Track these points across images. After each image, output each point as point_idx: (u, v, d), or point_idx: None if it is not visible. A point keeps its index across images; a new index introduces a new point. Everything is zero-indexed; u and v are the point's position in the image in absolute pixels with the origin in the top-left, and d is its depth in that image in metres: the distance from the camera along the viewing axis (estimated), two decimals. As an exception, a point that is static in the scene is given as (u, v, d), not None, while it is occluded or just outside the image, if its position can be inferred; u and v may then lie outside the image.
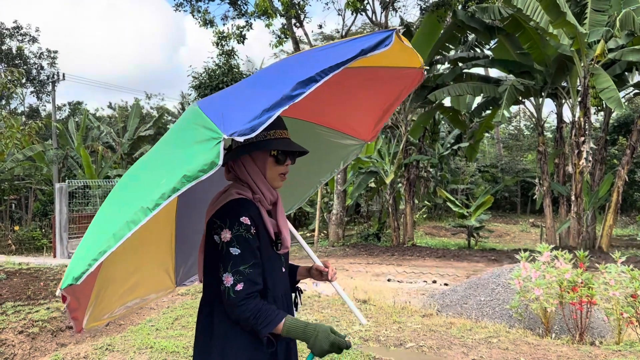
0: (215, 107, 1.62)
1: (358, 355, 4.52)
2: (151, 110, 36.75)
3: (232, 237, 1.73)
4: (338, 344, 1.72)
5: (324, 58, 1.64)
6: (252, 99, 1.57)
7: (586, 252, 5.47)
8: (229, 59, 16.83)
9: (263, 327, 1.71)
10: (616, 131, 22.67)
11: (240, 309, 1.70)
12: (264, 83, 1.71)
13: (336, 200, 17.07)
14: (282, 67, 1.83)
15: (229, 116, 1.48)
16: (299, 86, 1.49)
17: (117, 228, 1.37)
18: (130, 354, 4.58)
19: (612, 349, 4.80)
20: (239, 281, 1.70)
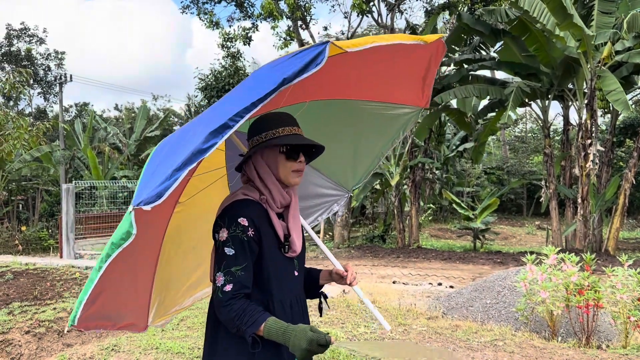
0: (154, 160, 1.63)
1: (363, 358, 4.51)
2: (158, 112, 36.89)
3: (227, 237, 1.74)
4: (317, 341, 1.64)
5: (245, 93, 1.55)
6: (174, 153, 1.52)
7: (593, 255, 5.44)
8: (235, 61, 16.88)
9: (247, 327, 1.68)
10: (622, 133, 22.54)
11: (225, 309, 1.70)
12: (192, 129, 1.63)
13: (341, 202, 17.05)
14: (215, 107, 1.71)
15: (147, 183, 1.47)
16: (211, 136, 1.39)
17: (92, 276, 1.60)
18: (135, 354, 4.60)
19: (619, 352, 4.78)
20: (228, 282, 1.70)
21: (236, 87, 1.72)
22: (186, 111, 36.85)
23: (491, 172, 29.42)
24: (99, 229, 16.75)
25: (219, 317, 1.75)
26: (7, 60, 25.34)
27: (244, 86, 1.66)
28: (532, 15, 11.96)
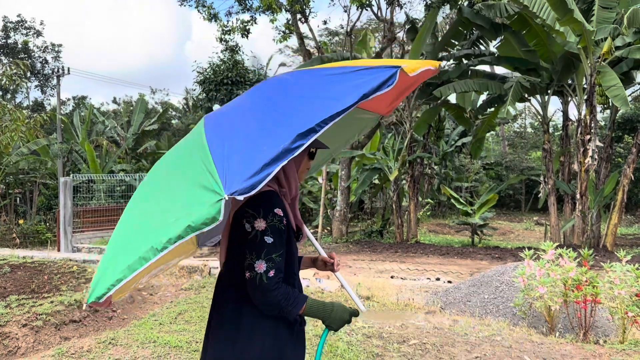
0: (222, 145, 1.70)
1: (361, 352, 4.51)
2: (156, 106, 36.79)
3: (266, 227, 1.84)
4: (353, 313, 2.00)
5: (325, 97, 1.72)
6: (254, 146, 1.63)
7: (590, 251, 5.44)
8: (234, 54, 16.81)
9: (293, 308, 1.87)
10: (621, 129, 22.53)
11: (272, 294, 1.82)
12: (267, 118, 1.78)
13: (340, 197, 17.06)
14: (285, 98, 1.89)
15: (231, 169, 1.56)
16: (299, 138, 1.55)
17: (132, 260, 1.55)
18: (133, 348, 4.59)
19: (617, 347, 4.78)
20: (271, 268, 1.82)
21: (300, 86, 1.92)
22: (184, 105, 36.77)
23: (490, 167, 29.41)
24: (97, 223, 16.73)
25: (259, 301, 1.85)
26: (3, 52, 25.22)
27: (314, 89, 1.85)
28: (532, 10, 11.91)
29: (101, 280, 1.61)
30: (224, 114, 1.99)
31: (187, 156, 1.86)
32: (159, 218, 1.66)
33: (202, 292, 6.99)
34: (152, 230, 1.61)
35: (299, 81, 1.97)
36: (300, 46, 17.23)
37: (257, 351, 1.90)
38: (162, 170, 2.00)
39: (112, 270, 1.60)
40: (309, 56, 17.01)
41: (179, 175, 1.80)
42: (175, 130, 32.08)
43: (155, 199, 1.81)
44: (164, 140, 28.85)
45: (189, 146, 1.92)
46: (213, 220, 1.45)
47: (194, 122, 29.80)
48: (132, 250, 1.60)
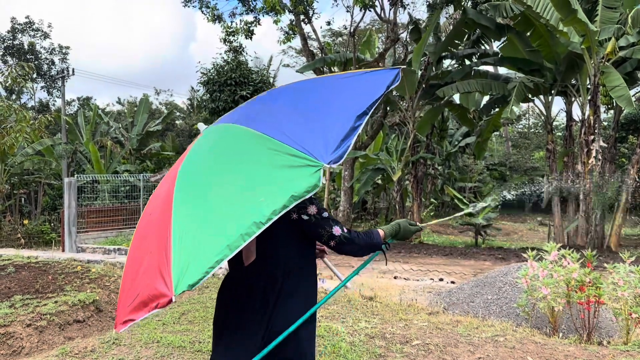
0: (284, 134, 1.97)
1: (364, 352, 4.52)
2: (160, 106, 36.86)
3: (318, 208, 2.22)
4: (416, 229, 2.51)
5: (360, 90, 2.13)
6: (316, 127, 1.98)
7: (594, 252, 5.43)
8: (238, 55, 16.84)
9: (377, 238, 2.34)
10: (625, 129, 22.46)
11: (359, 239, 2.26)
12: (312, 111, 2.13)
13: (343, 197, 17.06)
14: (320, 91, 2.28)
15: (309, 146, 1.87)
16: (358, 119, 1.94)
17: (232, 240, 1.63)
18: (137, 348, 4.61)
19: (620, 349, 4.76)
20: (342, 227, 2.23)
21: (330, 86, 2.31)
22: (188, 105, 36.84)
23: (493, 167, 29.36)
24: (101, 223, 16.78)
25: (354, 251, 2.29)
26: (10, 54, 25.33)
27: (347, 85, 2.23)
28: (536, 10, 11.90)
29: (191, 267, 1.62)
30: (255, 116, 2.27)
31: (246, 148, 2.06)
32: (244, 200, 1.78)
33: (205, 292, 7.01)
34: (243, 210, 1.73)
35: (326, 83, 2.39)
36: (303, 47, 17.25)
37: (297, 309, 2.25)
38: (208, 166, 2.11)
39: (203, 254, 1.63)
40: (312, 57, 17.02)
41: (248, 162, 1.97)
42: (179, 130, 32.13)
43: (224, 188, 1.91)
44: (168, 140, 28.91)
45: (238, 141, 2.13)
46: (315, 187, 1.72)
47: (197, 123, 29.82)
48: (223, 231, 1.68)
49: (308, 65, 16.52)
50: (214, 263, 1.59)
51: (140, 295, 1.74)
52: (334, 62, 16.54)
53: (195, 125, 29.34)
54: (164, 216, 1.91)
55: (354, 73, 2.33)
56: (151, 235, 1.96)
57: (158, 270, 1.70)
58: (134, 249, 2.11)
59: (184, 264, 1.63)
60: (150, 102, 30.18)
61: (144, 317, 1.71)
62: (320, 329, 5.17)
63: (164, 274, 1.66)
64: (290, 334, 2.18)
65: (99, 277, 7.14)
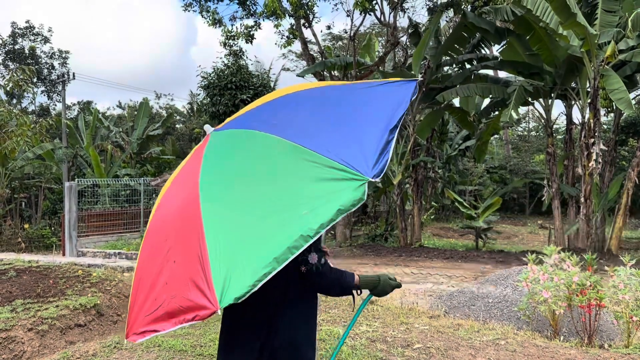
0: (321, 146, 1.94)
1: (365, 356, 4.52)
2: (160, 110, 36.90)
3: None
4: (397, 285, 2.39)
5: (388, 103, 2.12)
6: (352, 141, 1.96)
7: (595, 255, 5.43)
8: (238, 59, 16.87)
9: (350, 280, 2.25)
10: (625, 132, 22.48)
11: (329, 275, 2.19)
12: (341, 121, 2.11)
13: (344, 201, 17.03)
14: (343, 105, 2.23)
15: (350, 159, 1.86)
16: (391, 133, 1.95)
17: (279, 252, 1.62)
18: (138, 352, 4.61)
19: (622, 352, 4.77)
20: (322, 256, 2.17)
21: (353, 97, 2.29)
22: (188, 109, 36.87)
23: (494, 171, 29.37)
24: (102, 227, 16.80)
25: (321, 285, 2.20)
26: (11, 58, 25.39)
27: (374, 97, 2.23)
28: (536, 13, 11.92)
29: (235, 279, 1.60)
30: (280, 124, 2.17)
31: (281, 159, 2.01)
32: (287, 213, 1.77)
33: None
34: (287, 224, 1.72)
35: (347, 93, 2.33)
36: (303, 51, 17.28)
37: (312, 331, 2.27)
38: (234, 175, 2.06)
39: (248, 266, 1.62)
40: (312, 61, 17.05)
41: (285, 174, 1.95)
42: (180, 134, 32.15)
43: (260, 199, 1.88)
44: (168, 144, 28.93)
45: (271, 151, 2.06)
46: (360, 200, 1.72)
47: (198, 127, 29.84)
48: (268, 244, 1.67)
49: (308, 69, 16.55)
50: (261, 276, 1.58)
51: (165, 306, 1.70)
52: (334, 66, 16.56)
53: (197, 129, 29.39)
54: (191, 226, 1.86)
55: (372, 83, 2.32)
56: (172, 244, 1.90)
57: (190, 281, 1.67)
58: (145, 258, 2.06)
59: (226, 276, 1.62)
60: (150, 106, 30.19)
61: (172, 329, 1.68)
62: (322, 332, 5.17)
63: (200, 285, 1.63)
64: (288, 343, 2.17)
65: (99, 281, 7.14)
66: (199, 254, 1.72)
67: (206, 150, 2.27)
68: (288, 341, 2.17)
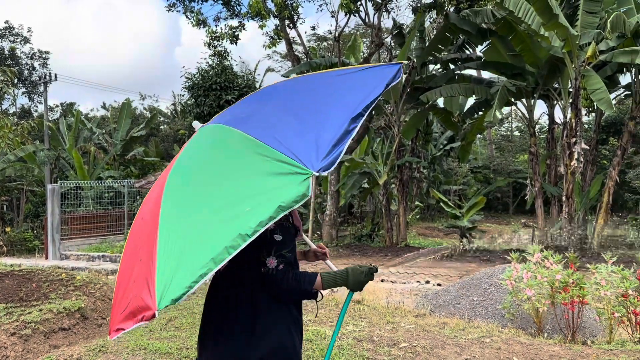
0: (275, 139, 1.85)
1: (352, 356, 4.54)
2: (145, 112, 36.59)
3: (275, 226, 2.00)
4: (371, 271, 2.18)
5: (357, 90, 1.99)
6: (308, 131, 1.86)
7: (577, 253, 5.52)
8: (222, 60, 16.81)
9: (307, 285, 2.05)
10: (606, 132, 22.83)
11: (283, 282, 2.01)
12: (305, 112, 2.00)
13: (329, 201, 17.10)
14: (314, 91, 2.14)
15: (300, 152, 1.76)
16: (352, 122, 1.82)
17: (216, 252, 1.53)
18: (123, 355, 4.58)
19: (604, 348, 4.84)
20: (280, 263, 2.01)
21: (326, 84, 2.17)
22: (172, 110, 36.62)
23: (478, 170, 29.66)
24: (85, 230, 16.61)
25: (275, 292, 2.04)
26: (-9, 59, 25.02)
27: (343, 85, 2.09)
28: (518, 15, 12.07)
29: (174, 281, 1.53)
30: (246, 117, 2.14)
31: (236, 153, 1.95)
32: (230, 210, 1.69)
33: (193, 299, 6.97)
34: (228, 221, 1.63)
35: (321, 81, 2.23)
36: (288, 51, 17.29)
37: (275, 341, 2.06)
38: (197, 170, 2.01)
39: (187, 267, 1.54)
40: (297, 61, 17.06)
41: (236, 169, 1.88)
42: (164, 136, 31.91)
43: (211, 196, 1.81)
44: (152, 146, 28.69)
45: (229, 145, 2.02)
46: (303, 196, 1.61)
47: (182, 128, 29.65)
48: (208, 243, 1.59)
49: (293, 70, 16.55)
50: (197, 277, 1.50)
51: (131, 305, 1.67)
52: (319, 67, 16.60)
53: (181, 130, 29.21)
54: (153, 223, 1.83)
55: (351, 69, 2.19)
56: (141, 242, 1.86)
57: (145, 281, 1.62)
58: (126, 256, 2.04)
59: (167, 277, 1.55)
60: (134, 108, 29.92)
61: (132, 327, 1.63)
62: (309, 333, 5.18)
63: (150, 285, 1.57)
64: (264, 331, 2.05)
65: (83, 284, 7.07)
66: (152, 253, 1.67)
67: (185, 147, 2.26)
68: (270, 347, 2.05)
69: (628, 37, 12.54)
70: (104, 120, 33.01)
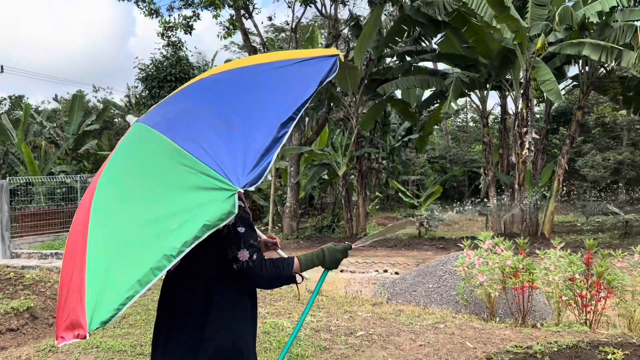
0: (200, 148, 1.73)
1: (309, 346, 4.56)
2: (98, 104, 35.55)
3: (235, 219, 1.96)
4: (346, 248, 2.28)
5: (289, 89, 1.92)
6: (236, 140, 1.74)
7: (527, 239, 5.70)
8: (177, 51, 16.48)
9: (287, 269, 2.09)
10: (557, 121, 23.59)
11: (261, 271, 2.00)
12: (233, 114, 1.88)
13: (289, 193, 17.07)
14: (246, 91, 2.01)
15: (226, 164, 1.64)
16: (282, 127, 1.73)
17: (142, 274, 1.47)
18: (75, 354, 4.45)
19: (552, 330, 5.03)
20: (253, 253, 1.99)
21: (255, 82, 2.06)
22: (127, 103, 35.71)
23: (435, 160, 30.18)
24: (37, 227, 16.08)
25: (255, 283, 2.08)
26: None
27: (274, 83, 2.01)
28: (470, 7, 12.31)
29: (103, 302, 1.48)
30: (175, 118, 2.01)
31: (162, 164, 1.84)
32: (155, 227, 1.62)
33: (148, 295, 6.84)
34: (154, 240, 1.57)
35: (253, 77, 2.10)
36: (245, 42, 17.09)
37: (226, 340, 2.02)
38: (123, 180, 1.91)
39: (115, 288, 1.49)
40: (254, 52, 16.90)
41: (161, 182, 1.78)
42: (119, 129, 31.12)
43: (135, 211, 1.73)
44: (106, 139, 27.93)
45: (155, 154, 1.91)
46: (229, 214, 1.53)
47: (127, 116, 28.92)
48: (135, 263, 1.53)
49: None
50: (124, 300, 1.45)
51: (70, 316, 1.59)
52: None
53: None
54: (83, 233, 1.74)
55: (287, 61, 2.10)
56: (77, 250, 1.76)
57: (79, 295, 1.55)
58: (66, 260, 1.91)
59: (96, 297, 1.50)
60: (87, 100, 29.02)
61: (71, 341, 1.55)
62: (266, 325, 5.17)
63: (82, 302, 1.51)
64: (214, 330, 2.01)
65: (33, 283, 6.83)
66: (82, 268, 1.60)
67: (119, 145, 2.15)
68: (222, 346, 2.01)
69: (575, 29, 12.96)
70: (55, 113, 31.91)
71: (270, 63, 2.15)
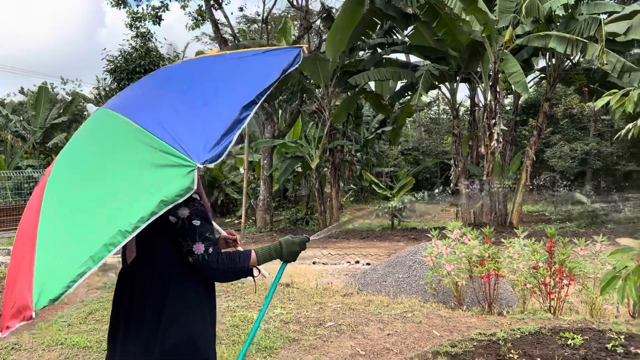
0: (162, 128, 1.76)
1: (278, 338, 4.57)
2: (67, 97, 34.74)
3: (190, 212, 1.99)
4: (303, 241, 2.27)
5: (252, 76, 1.98)
6: (198, 120, 1.80)
7: (496, 229, 5.81)
8: (146, 42, 16.21)
9: (244, 262, 2.08)
10: (525, 113, 23.99)
11: (217, 265, 1.99)
12: (195, 98, 1.95)
13: (263, 186, 17.01)
14: (209, 77, 2.09)
15: (186, 142, 1.67)
16: (244, 110, 1.78)
17: (94, 250, 1.46)
18: (38, 351, 4.38)
19: (517, 317, 5.15)
20: (209, 245, 1.99)
21: (221, 69, 2.13)
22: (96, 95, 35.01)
23: (408, 152, 30.39)
24: (4, 223, 15.74)
25: (211, 276, 2.06)
26: None
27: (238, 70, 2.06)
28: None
29: (51, 279, 1.46)
30: (137, 102, 2.07)
31: (120, 143, 1.86)
32: (111, 204, 1.61)
33: (117, 290, 6.76)
34: (109, 217, 1.56)
35: (217, 65, 2.19)
36: (215, 33, 16.89)
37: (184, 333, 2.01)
38: (80, 160, 1.92)
39: (66, 265, 1.47)
40: (225, 43, 16.72)
41: (119, 160, 1.79)
42: (88, 122, 30.43)
43: (92, 189, 1.72)
44: (73, 132, 27.32)
45: (114, 134, 1.93)
46: (188, 190, 1.54)
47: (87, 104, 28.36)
48: (87, 240, 1.51)
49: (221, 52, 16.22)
50: (75, 276, 1.42)
51: (17, 303, 1.57)
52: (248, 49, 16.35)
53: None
54: (35, 215, 1.73)
55: (250, 52, 2.19)
56: (27, 237, 1.75)
57: (27, 279, 1.53)
58: (16, 248, 1.90)
59: (45, 275, 1.48)
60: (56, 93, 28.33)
61: (16, 327, 1.52)
62: (236, 318, 5.16)
63: (30, 284, 1.49)
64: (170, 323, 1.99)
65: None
66: (32, 250, 1.59)
67: (79, 130, 2.16)
68: (178, 341, 1.99)
69: (542, 22, 13.17)
70: (21, 106, 31.08)
71: (234, 53, 2.25)
